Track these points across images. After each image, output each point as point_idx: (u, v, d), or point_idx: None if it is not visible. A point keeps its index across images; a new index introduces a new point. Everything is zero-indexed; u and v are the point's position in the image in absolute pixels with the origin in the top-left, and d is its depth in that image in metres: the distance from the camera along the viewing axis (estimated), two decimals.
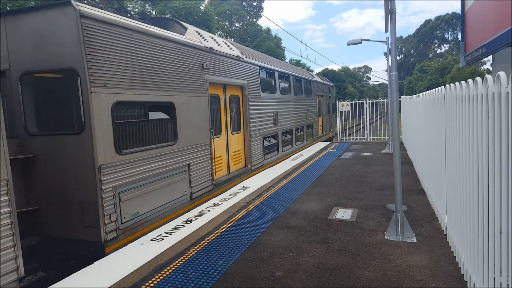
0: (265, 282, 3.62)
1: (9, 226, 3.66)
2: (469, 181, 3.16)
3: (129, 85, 5.49)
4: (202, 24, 30.44)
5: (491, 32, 5.75)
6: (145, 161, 5.76)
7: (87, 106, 4.78)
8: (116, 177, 5.15)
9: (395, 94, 4.83)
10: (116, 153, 5.17)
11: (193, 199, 7.06)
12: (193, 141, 7.17)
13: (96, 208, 4.84)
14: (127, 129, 5.52)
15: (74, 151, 4.92)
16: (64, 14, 4.74)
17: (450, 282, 3.45)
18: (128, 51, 5.47)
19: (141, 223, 5.62)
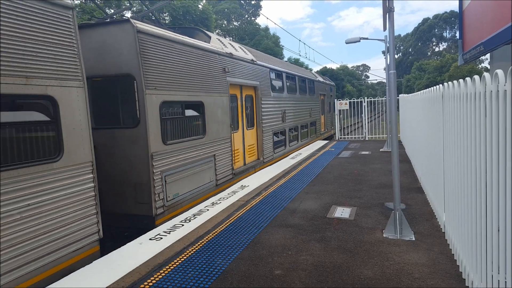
0: (264, 281, 3.63)
1: (93, 197, 4.67)
2: (467, 179, 3.17)
3: (171, 87, 6.57)
4: (200, 23, 30.37)
5: (488, 30, 5.76)
6: (183, 150, 6.87)
7: (142, 105, 5.84)
8: (163, 163, 6.24)
9: (393, 92, 4.84)
10: (162, 144, 6.26)
11: (218, 185, 8.14)
12: (218, 135, 8.26)
13: (149, 188, 5.92)
14: (170, 124, 6.62)
15: (130, 141, 6.00)
16: (123, 30, 5.78)
17: (448, 279, 3.46)
18: (170, 58, 6.54)
19: (180, 202, 6.71)
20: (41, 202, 4.00)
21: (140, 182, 5.97)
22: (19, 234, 3.75)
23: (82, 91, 4.65)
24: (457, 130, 3.50)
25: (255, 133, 10.78)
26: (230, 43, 10.04)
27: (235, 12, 50.49)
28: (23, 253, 3.78)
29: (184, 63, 6.98)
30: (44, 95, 4.18)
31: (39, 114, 4.22)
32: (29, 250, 3.85)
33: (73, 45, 4.58)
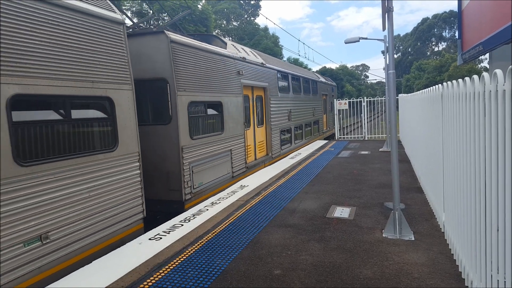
0: (263, 281, 3.63)
1: (139, 182, 5.59)
2: (467, 179, 3.18)
3: (197, 89, 7.47)
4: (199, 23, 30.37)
5: (487, 30, 5.76)
6: (205, 145, 7.74)
7: (174, 104, 6.71)
8: (190, 155, 7.13)
9: (392, 92, 4.84)
10: (190, 138, 7.16)
11: (233, 177, 9.02)
12: (234, 132, 9.13)
13: (179, 177, 6.81)
14: (195, 121, 7.47)
15: (163, 136, 6.84)
16: (158, 40, 6.65)
17: (448, 279, 3.46)
18: (196, 63, 7.45)
19: (203, 190, 7.59)
20: (103, 184, 4.89)
21: (172, 172, 6.86)
22: (89, 209, 4.66)
23: (131, 93, 5.56)
24: (456, 130, 3.51)
25: (265, 131, 11.72)
26: (243, 48, 10.96)
27: (235, 12, 50.47)
28: (93, 224, 4.73)
29: (207, 68, 7.95)
30: (105, 97, 5.06)
31: (101, 112, 5.11)
32: (96, 222, 4.77)
33: (124, 54, 5.45)
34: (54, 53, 4.29)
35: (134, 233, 5.42)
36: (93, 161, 4.76)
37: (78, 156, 4.54)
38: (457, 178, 3.53)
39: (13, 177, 3.73)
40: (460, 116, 3.35)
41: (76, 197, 4.46)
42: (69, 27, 4.49)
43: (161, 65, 6.70)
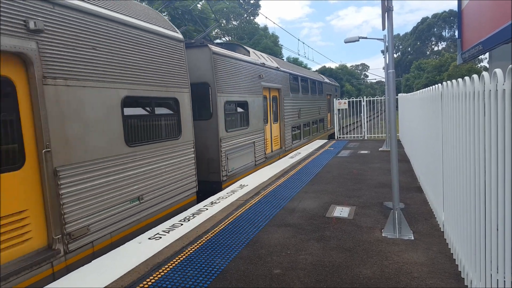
0: (263, 280, 3.63)
1: (194, 163, 7.25)
2: (466, 178, 3.17)
3: (230, 90, 9.13)
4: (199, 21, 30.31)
5: (487, 30, 5.76)
6: (236, 137, 9.36)
7: (214, 103, 8.35)
8: (226, 145, 8.74)
9: (392, 91, 4.83)
10: (226, 131, 8.77)
11: (256, 165, 10.60)
12: (256, 127, 10.72)
13: (218, 162, 8.46)
14: (229, 117, 9.10)
15: (205, 129, 8.43)
16: (203, 51, 8.31)
17: (447, 279, 3.47)
18: (230, 69, 9.11)
19: (234, 174, 9.23)
20: (172, 163, 6.53)
21: (212, 158, 8.52)
22: (165, 180, 6.31)
23: (189, 94, 7.17)
24: (456, 129, 3.51)
25: (279, 127, 13.20)
26: (262, 55, 12.68)
27: (234, 11, 50.42)
28: (167, 192, 6.35)
29: (237, 73, 9.58)
30: (173, 98, 6.70)
31: (171, 109, 6.69)
32: (169, 191, 6.39)
33: (184, 64, 7.05)
34: (146, 67, 5.93)
35: (190, 202, 7.07)
36: (167, 146, 6.40)
37: (159, 142, 6.20)
38: (457, 178, 3.53)
39: (124, 154, 5.37)
40: (459, 116, 3.35)
41: (158, 170, 6.12)
42: (153, 46, 6.13)
43: (204, 71, 8.36)
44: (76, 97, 4.63)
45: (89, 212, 4.73)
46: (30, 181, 4.08)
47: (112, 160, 5.16)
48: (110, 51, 5.24)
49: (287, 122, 13.66)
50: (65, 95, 4.48)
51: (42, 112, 4.16)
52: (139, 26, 5.84)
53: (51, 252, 4.15)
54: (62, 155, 4.38)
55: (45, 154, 4.15)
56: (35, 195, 4.13)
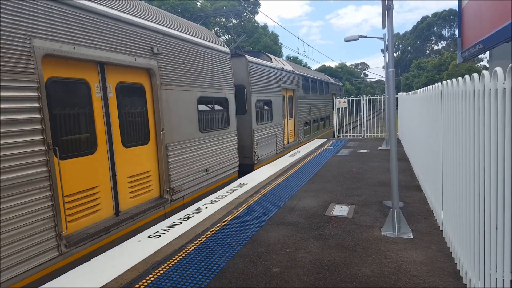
0: (262, 278, 3.63)
1: (236, 148, 9.53)
2: (466, 177, 3.17)
3: (260, 91, 11.40)
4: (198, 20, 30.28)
5: (487, 29, 5.76)
6: (263, 129, 11.63)
7: (248, 102, 10.68)
8: (256, 135, 11.06)
9: (392, 90, 4.83)
10: (256, 124, 11.07)
11: (277, 153, 12.86)
12: (277, 122, 13.02)
13: (251, 149, 10.82)
14: (259, 113, 11.33)
15: (241, 122, 10.54)
16: (240, 61, 10.56)
17: (446, 277, 3.47)
18: (259, 74, 11.32)
19: (261, 160, 11.40)
20: (224, 147, 8.82)
21: (246, 145, 10.84)
22: (220, 159, 8.60)
23: (233, 95, 9.52)
24: (456, 128, 3.50)
25: (293, 122, 15.45)
26: (280, 60, 14.99)
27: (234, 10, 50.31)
28: (221, 167, 8.67)
29: (264, 76, 11.84)
30: (225, 97, 8.99)
31: (223, 106, 9.00)
32: (222, 167, 8.75)
33: (231, 71, 9.39)
34: (209, 74, 8.22)
35: (235, 178, 9.39)
36: (221, 133, 8.78)
37: (217, 130, 8.59)
38: (456, 177, 3.53)
39: (198, 138, 7.69)
40: (459, 115, 3.35)
41: (217, 151, 8.47)
42: (212, 59, 8.40)
43: (241, 76, 10.61)
44: (175, 98, 6.88)
45: (182, 176, 7.08)
46: (152, 152, 6.35)
47: (193, 141, 7.53)
48: (191, 64, 7.49)
49: (300, 118, 16.03)
50: (170, 96, 6.72)
51: (160, 107, 6.38)
52: (205, 45, 8.09)
53: (163, 200, 6.43)
54: (169, 136, 6.69)
55: (162, 135, 6.45)
56: (154, 161, 6.42)
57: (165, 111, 6.52)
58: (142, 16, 6.15)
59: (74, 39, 4.64)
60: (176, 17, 7.92)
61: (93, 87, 5.18)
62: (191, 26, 8.15)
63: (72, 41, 4.61)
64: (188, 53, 7.35)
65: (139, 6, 6.40)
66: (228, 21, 26.76)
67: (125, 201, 5.70)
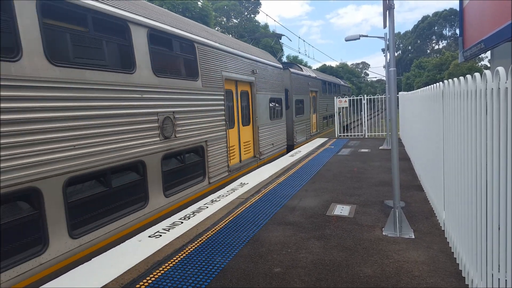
0: (263, 279, 3.62)
1: (285, 132, 14.32)
2: (468, 177, 3.16)
3: (298, 93, 16.24)
4: (199, 19, 30.27)
5: (489, 28, 5.74)
6: (299, 120, 16.20)
7: (291, 100, 15.38)
8: (296, 124, 15.86)
9: (393, 90, 4.81)
10: (295, 116, 15.79)
11: (306, 139, 17.22)
12: (307, 115, 17.66)
13: (292, 134, 15.44)
14: (297, 108, 15.98)
15: (287, 115, 14.66)
16: (286, 72, 14.83)
17: (448, 278, 3.46)
18: (296, 80, 16.03)
19: (297, 142, 15.81)
20: (279, 131, 13.39)
21: (289, 131, 14.91)
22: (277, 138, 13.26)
23: (284, 96, 13.92)
24: (457, 127, 3.49)
25: (316, 116, 20.18)
26: (307, 69, 20.28)
27: (235, 9, 50.31)
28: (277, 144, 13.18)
29: (300, 82, 16.55)
30: (280, 98, 13.54)
31: (279, 104, 13.46)
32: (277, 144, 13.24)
33: (282, 80, 13.87)
34: (272, 82, 12.66)
35: (284, 152, 13.42)
36: (278, 121, 13.15)
37: (277, 119, 13.07)
38: (458, 176, 3.52)
39: (270, 123, 12.28)
40: (461, 114, 3.34)
41: (277, 133, 13.03)
42: (273, 72, 12.75)
43: (286, 82, 14.79)
44: (260, 98, 11.31)
45: (263, 145, 11.44)
46: (251, 130, 10.84)
47: (268, 125, 12.08)
48: (266, 77, 12.05)
49: (320, 113, 20.73)
50: (259, 97, 11.04)
51: (255, 104, 10.81)
52: (270, 64, 12.77)
53: (256, 158, 10.88)
54: (258, 121, 11.07)
55: (255, 120, 10.75)
56: (252, 135, 10.89)
57: (257, 106, 11.15)
58: (249, 52, 11.16)
59: (230, 70, 9.34)
60: (261, 51, 13.55)
61: (234, 93, 9.84)
62: (264, 53, 13.35)
63: (230, 71, 9.29)
64: (264, 70, 12.06)
65: (247, 46, 11.69)
66: None
67: (242, 156, 10.43)
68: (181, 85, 6.93)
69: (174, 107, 6.61)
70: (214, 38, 8.65)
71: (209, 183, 7.93)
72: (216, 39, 8.83)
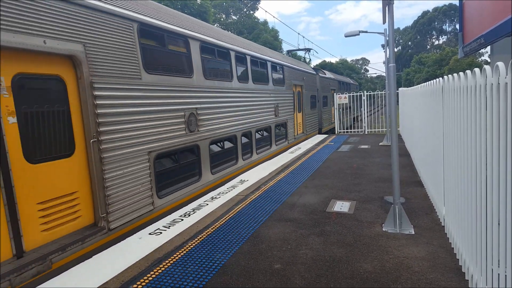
0: (263, 275, 3.63)
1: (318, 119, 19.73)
2: (467, 172, 3.16)
3: (323, 91, 20.75)
4: (198, 16, 30.16)
5: (489, 23, 5.71)
6: (324, 111, 20.86)
7: (319, 97, 19.70)
8: (323, 114, 20.46)
9: (393, 85, 4.80)
10: (322, 108, 20.30)
11: (329, 125, 21.96)
12: (330, 107, 22.12)
13: (321, 124, 19.99)
14: (323, 102, 20.68)
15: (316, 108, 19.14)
16: (316, 75, 19.53)
17: (448, 273, 3.46)
18: (323, 82, 21.02)
19: (323, 127, 20.44)
20: (312, 120, 18.08)
21: (319, 119, 19.50)
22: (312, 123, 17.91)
23: (317, 93, 19.43)
24: (457, 123, 3.48)
25: (332, 110, 22.54)
26: (328, 72, 24.86)
27: (234, 6, 50.13)
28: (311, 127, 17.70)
29: (324, 83, 21.04)
30: (315, 95, 18.70)
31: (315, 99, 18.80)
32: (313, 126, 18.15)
33: (317, 82, 19.41)
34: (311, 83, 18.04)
35: (316, 134, 18.27)
36: (314, 111, 18.36)
37: (314, 109, 18.42)
38: (458, 172, 3.52)
39: (309, 112, 17.44)
40: (461, 110, 3.33)
41: (313, 119, 18.15)
42: (310, 77, 17.81)
43: (316, 85, 18.87)
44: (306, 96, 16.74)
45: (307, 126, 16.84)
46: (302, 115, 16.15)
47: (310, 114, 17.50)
48: (308, 80, 17.14)
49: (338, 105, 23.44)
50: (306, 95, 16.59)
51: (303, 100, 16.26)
52: (310, 72, 17.72)
53: (304, 133, 16.33)
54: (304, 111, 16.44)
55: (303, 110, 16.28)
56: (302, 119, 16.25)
57: (304, 100, 16.05)
58: (301, 66, 16.20)
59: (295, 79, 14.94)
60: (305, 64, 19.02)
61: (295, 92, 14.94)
62: (305, 64, 18.60)
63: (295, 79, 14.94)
64: (307, 76, 16.93)
65: (299, 62, 17.17)
66: None
67: (298, 131, 15.23)
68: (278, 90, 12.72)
69: (279, 101, 12.61)
70: (290, 61, 15.02)
71: (288, 143, 13.66)
72: (291, 61, 15.33)
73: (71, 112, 4.46)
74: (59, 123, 4.31)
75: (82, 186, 4.56)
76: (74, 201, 4.45)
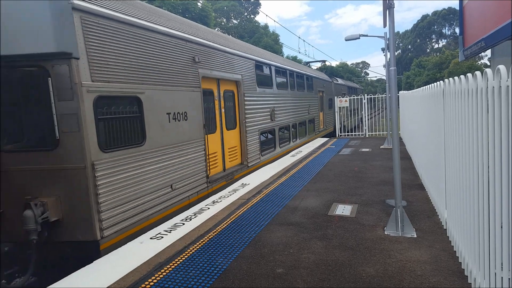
0: (266, 279, 3.62)
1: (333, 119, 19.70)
2: (469, 175, 3.16)
3: (337, 94, 22.58)
4: (199, 20, 30.29)
5: (490, 26, 5.73)
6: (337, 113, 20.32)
7: (334, 102, 18.98)
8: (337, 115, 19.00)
9: (394, 89, 4.81)
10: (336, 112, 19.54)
11: None
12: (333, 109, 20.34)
13: (335, 121, 18.71)
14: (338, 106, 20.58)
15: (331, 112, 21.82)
16: (331, 83, 23.78)
17: (451, 277, 3.45)
18: (337, 88, 25.01)
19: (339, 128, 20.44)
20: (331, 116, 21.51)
21: (333, 120, 19.59)
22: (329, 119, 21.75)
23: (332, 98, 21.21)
24: (458, 126, 3.49)
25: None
26: (339, 79, 30.19)
27: (234, 10, 50.33)
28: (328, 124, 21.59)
29: (338, 88, 25.25)
30: (331, 99, 22.09)
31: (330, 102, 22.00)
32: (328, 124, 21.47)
33: (332, 88, 23.33)
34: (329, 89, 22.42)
35: (332, 130, 20.74)
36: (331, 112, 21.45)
37: (330, 110, 21.64)
38: (460, 175, 3.51)
39: (328, 112, 21.56)
40: (462, 113, 3.33)
41: (330, 118, 21.52)
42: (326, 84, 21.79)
43: (331, 89, 22.84)
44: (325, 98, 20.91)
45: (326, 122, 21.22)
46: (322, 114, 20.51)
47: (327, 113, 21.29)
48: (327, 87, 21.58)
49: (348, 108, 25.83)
50: (325, 98, 21.00)
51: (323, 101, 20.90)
52: (327, 80, 22.28)
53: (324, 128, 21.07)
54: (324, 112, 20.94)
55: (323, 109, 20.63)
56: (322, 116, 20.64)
57: (324, 102, 20.24)
58: (322, 76, 21.28)
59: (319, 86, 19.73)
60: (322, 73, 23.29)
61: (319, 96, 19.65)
62: (323, 74, 22.73)
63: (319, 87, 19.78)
64: (326, 83, 21.18)
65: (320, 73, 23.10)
66: None
67: (321, 126, 20.02)
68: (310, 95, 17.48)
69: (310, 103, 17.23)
70: (315, 73, 19.99)
71: (315, 134, 18.03)
72: (316, 73, 20.31)
73: (236, 107, 9.47)
74: (234, 113, 9.35)
75: (239, 143, 9.57)
76: (237, 151, 9.45)
